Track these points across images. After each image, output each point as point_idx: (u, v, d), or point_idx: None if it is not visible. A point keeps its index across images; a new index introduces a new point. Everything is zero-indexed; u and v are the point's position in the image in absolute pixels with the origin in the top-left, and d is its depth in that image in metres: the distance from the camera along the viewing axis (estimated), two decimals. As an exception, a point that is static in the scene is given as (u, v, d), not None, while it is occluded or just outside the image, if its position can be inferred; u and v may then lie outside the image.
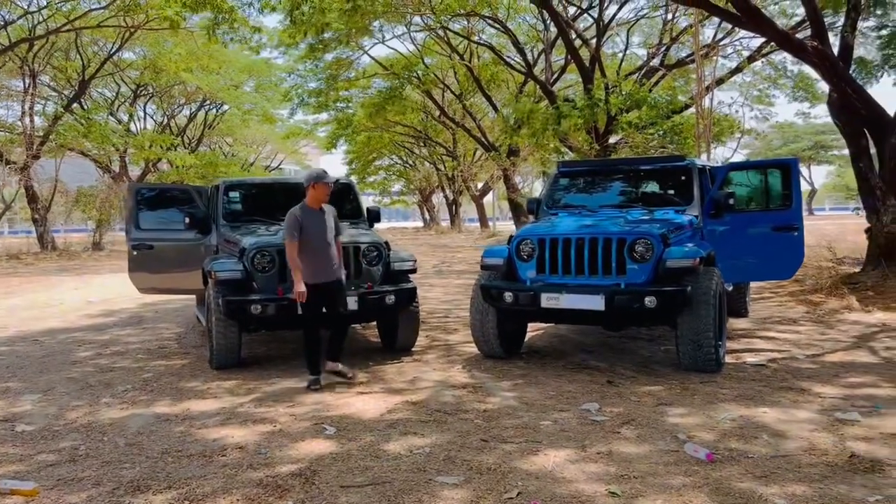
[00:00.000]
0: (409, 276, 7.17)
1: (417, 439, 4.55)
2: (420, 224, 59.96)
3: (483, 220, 43.48)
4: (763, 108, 23.53)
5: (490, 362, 6.81)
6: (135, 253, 8.54)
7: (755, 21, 10.89)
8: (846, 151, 12.59)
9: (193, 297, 9.79)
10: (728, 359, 6.60)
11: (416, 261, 7.27)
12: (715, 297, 6.04)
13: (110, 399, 5.83)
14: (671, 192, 7.63)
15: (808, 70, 21.93)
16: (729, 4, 13.77)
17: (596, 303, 6.03)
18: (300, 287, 5.73)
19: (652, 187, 7.88)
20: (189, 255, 8.29)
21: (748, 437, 4.45)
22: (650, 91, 20.25)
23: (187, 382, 6.32)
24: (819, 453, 4.15)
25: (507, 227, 44.11)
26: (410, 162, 48.75)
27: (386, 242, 7.13)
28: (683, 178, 7.52)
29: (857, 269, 11.64)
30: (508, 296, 6.38)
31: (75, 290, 14.55)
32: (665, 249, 6.14)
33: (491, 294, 6.50)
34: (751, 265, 7.46)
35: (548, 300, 6.18)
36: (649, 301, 5.91)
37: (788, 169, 7.50)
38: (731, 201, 7.13)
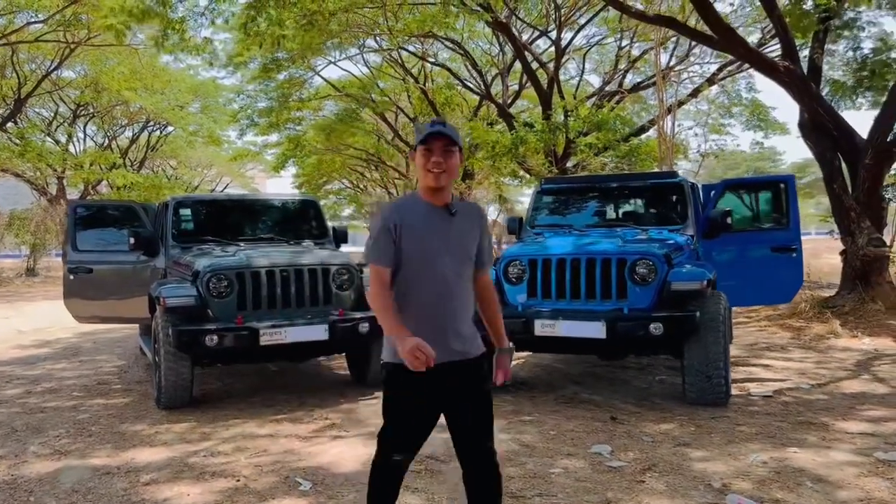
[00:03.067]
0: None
1: (410, 496, 3.86)
2: (370, 249, 58.98)
3: (436, 244, 42.82)
4: (718, 138, 23.53)
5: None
6: (71, 277, 7.65)
7: (728, 39, 10.62)
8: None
9: (136, 325, 8.88)
10: (732, 390, 6.08)
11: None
12: (724, 322, 5.52)
13: (39, 448, 4.97)
14: (664, 210, 7.13)
15: (763, 98, 22.19)
16: (699, 25, 13.61)
17: (596, 330, 5.43)
18: (406, 342, 2.49)
19: (643, 205, 7.38)
20: (133, 280, 7.44)
21: (791, 485, 3.89)
22: (608, 113, 20.08)
23: (131, 425, 5.49)
24: (878, 502, 3.60)
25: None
26: (362, 186, 47.98)
27: (358, 264, 6.44)
28: (676, 195, 7.03)
29: (832, 293, 11.38)
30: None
31: (5, 319, 13.35)
32: (669, 271, 5.60)
33: (476, 320, 5.84)
34: (748, 288, 7.00)
35: (542, 328, 5.56)
36: (655, 328, 5.36)
37: (785, 186, 7.10)
38: (728, 220, 6.66)
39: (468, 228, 2.75)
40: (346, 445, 4.83)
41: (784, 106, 63.12)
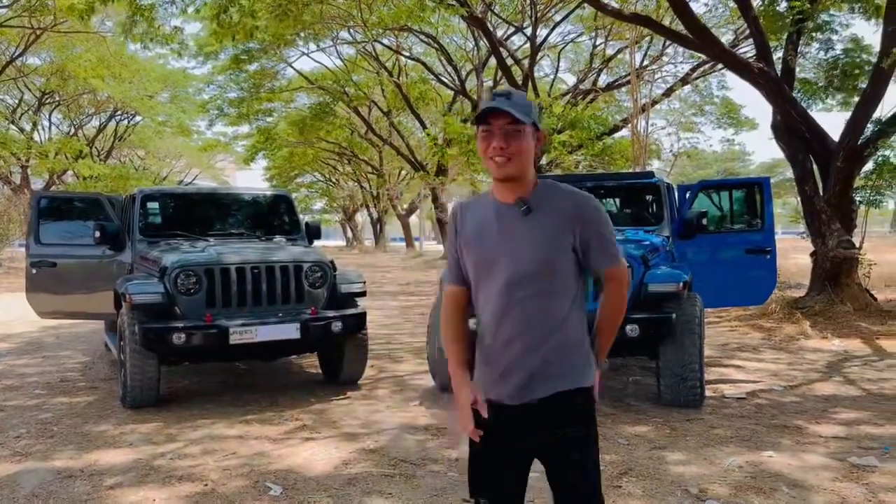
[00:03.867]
0: (358, 299, 6.37)
1: (384, 501, 3.77)
2: (342, 243, 58.74)
3: (409, 239, 42.76)
4: (690, 136, 23.81)
5: (449, 397, 6.00)
6: (34, 271, 7.42)
7: (703, 39, 10.65)
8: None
9: (101, 321, 8.65)
10: (706, 392, 6.07)
11: (365, 282, 6.48)
12: (699, 325, 5.50)
13: (-3, 449, 4.80)
14: (640, 210, 7.11)
15: (733, 97, 22.50)
16: (674, 24, 13.66)
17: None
18: (457, 395, 2.24)
19: (618, 205, 7.35)
20: (99, 275, 7.23)
21: (767, 490, 3.87)
22: (582, 112, 20.13)
23: (95, 425, 5.32)
24: (854, 510, 3.60)
25: (431, 247, 43.62)
26: (334, 179, 47.66)
27: (331, 261, 6.31)
28: (651, 195, 7.02)
29: (801, 293, 11.50)
30: (473, 323, 5.64)
31: (-36, 312, 12.99)
32: (645, 272, 5.56)
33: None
34: (722, 290, 7.01)
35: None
36: (631, 330, 5.30)
37: (760, 188, 7.11)
38: (704, 221, 6.65)
39: (555, 226, 2.08)
40: (317, 447, 4.72)
41: (753, 104, 63.92)
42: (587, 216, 2.10)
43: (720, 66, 17.12)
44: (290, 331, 5.70)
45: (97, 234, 6.82)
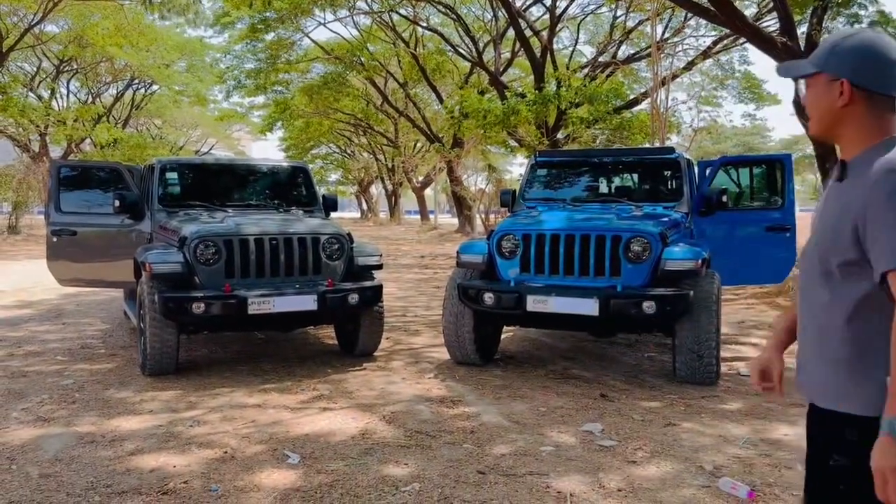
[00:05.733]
0: (374, 272, 6.40)
1: (401, 470, 3.81)
2: (357, 215, 58.81)
3: (423, 212, 42.74)
4: (710, 109, 23.45)
5: (464, 370, 6.10)
6: (55, 239, 7.49)
7: (727, 14, 10.48)
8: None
9: (121, 289, 8.75)
10: (722, 369, 6.08)
11: (381, 255, 6.51)
12: (717, 302, 5.49)
13: (21, 413, 4.88)
14: (659, 186, 7.07)
15: (755, 71, 22.19)
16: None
17: (589, 307, 5.38)
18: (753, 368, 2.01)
19: (637, 181, 7.31)
20: (118, 243, 7.30)
21: (781, 467, 3.88)
22: (601, 85, 19.91)
23: (116, 392, 5.41)
24: (869, 489, 3.60)
25: (446, 221, 43.59)
26: (349, 151, 47.58)
27: (348, 234, 6.34)
28: (671, 171, 6.97)
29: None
30: (489, 297, 5.67)
31: (-15, 279, 13.18)
32: (664, 249, 5.54)
33: (469, 295, 5.79)
34: (741, 267, 6.97)
35: (535, 303, 5.51)
36: (648, 306, 5.30)
37: (781, 165, 7.04)
38: (724, 198, 6.59)
39: (848, 203, 1.64)
40: (334, 417, 4.78)
41: (776, 78, 62.86)
42: (872, 197, 1.57)
43: (742, 39, 16.86)
44: (308, 302, 5.74)
45: (116, 203, 6.86)
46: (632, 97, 20.76)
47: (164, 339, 5.68)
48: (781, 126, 56.56)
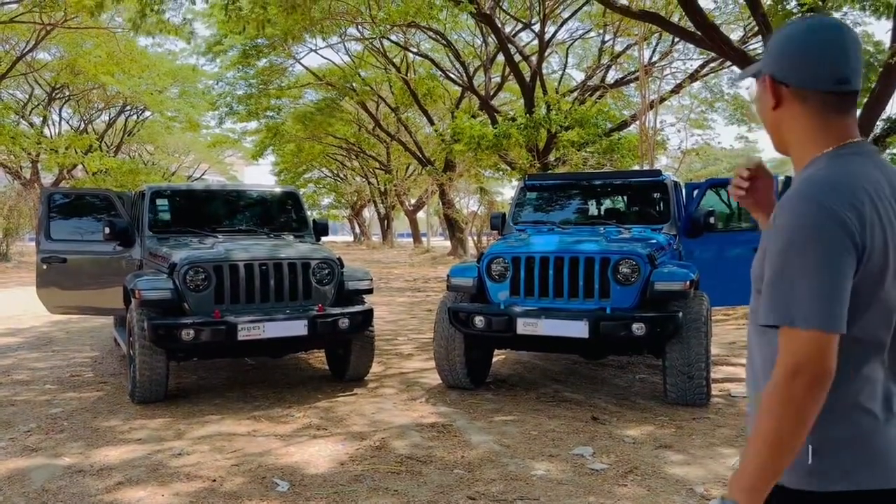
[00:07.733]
0: (365, 296, 6.40)
1: (391, 499, 3.79)
2: (350, 238, 58.80)
3: (416, 235, 42.78)
4: (701, 133, 23.63)
5: (456, 394, 6.09)
6: (44, 267, 7.47)
7: (711, 37, 10.62)
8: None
9: (111, 316, 8.70)
10: (712, 390, 6.08)
11: (372, 279, 6.51)
12: (706, 323, 5.51)
13: (8, 443, 4.84)
14: (647, 208, 7.11)
15: (744, 93, 22.41)
16: (683, 21, 13.59)
17: (579, 329, 5.39)
18: None
19: (625, 203, 7.35)
20: (108, 271, 7.29)
21: (772, 489, 3.87)
22: (590, 109, 20.09)
23: (104, 421, 5.37)
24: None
25: (439, 243, 43.62)
26: (342, 175, 47.71)
27: (339, 258, 6.35)
28: (658, 193, 7.01)
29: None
30: (479, 320, 5.68)
31: (-25, 307, 13.10)
32: (652, 271, 5.57)
33: (459, 318, 5.79)
34: (729, 288, 6.98)
35: (525, 326, 5.51)
36: (637, 328, 5.32)
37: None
38: (712, 220, 6.64)
39: (768, 235, 1.40)
40: (324, 444, 4.75)
41: (763, 103, 63.33)
42: (774, 228, 1.34)
43: (729, 63, 17.05)
44: (298, 327, 5.73)
45: (107, 230, 6.86)
46: (621, 119, 20.93)
47: (154, 366, 5.65)
48: (770, 148, 57.02)
